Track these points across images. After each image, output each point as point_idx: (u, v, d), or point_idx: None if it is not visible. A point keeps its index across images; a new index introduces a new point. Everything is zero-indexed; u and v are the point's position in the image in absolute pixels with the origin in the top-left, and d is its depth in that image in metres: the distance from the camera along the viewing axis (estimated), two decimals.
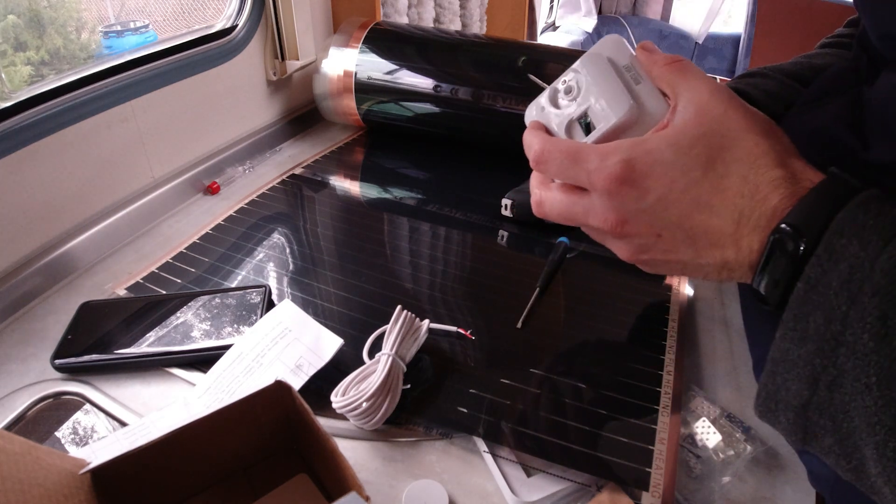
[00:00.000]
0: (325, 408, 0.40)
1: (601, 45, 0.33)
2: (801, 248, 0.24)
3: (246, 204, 0.66)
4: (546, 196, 0.32)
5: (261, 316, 0.46)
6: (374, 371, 0.40)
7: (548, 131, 0.34)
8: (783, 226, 0.25)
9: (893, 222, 0.23)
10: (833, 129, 0.35)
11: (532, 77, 0.42)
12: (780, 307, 0.26)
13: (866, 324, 0.22)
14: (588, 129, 0.32)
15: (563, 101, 0.33)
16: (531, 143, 0.32)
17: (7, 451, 0.28)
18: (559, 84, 0.33)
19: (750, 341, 0.47)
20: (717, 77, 0.67)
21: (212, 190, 0.69)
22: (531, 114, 0.35)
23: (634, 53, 0.32)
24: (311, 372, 0.41)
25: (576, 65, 0.32)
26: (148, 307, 0.48)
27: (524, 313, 0.50)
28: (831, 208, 0.24)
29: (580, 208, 0.31)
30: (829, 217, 0.24)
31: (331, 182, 0.72)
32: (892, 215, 0.23)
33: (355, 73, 0.77)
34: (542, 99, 0.34)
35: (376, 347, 0.44)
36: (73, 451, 0.37)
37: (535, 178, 0.34)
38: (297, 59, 0.81)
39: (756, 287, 0.27)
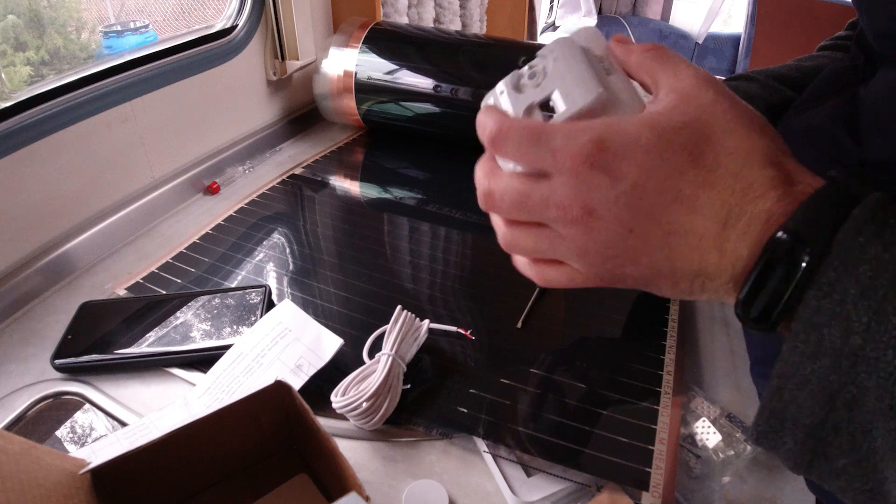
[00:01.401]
0: (325, 408, 0.40)
1: (576, 35, 0.30)
2: (807, 258, 0.21)
3: (246, 204, 0.66)
4: (496, 186, 0.27)
5: (261, 316, 0.46)
6: (374, 371, 0.40)
7: None
8: (781, 234, 0.22)
9: None
10: (827, 128, 0.35)
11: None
12: (774, 326, 0.23)
13: (892, 338, 0.19)
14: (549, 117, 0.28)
15: (525, 84, 0.29)
16: (485, 122, 0.27)
17: (7, 451, 0.28)
18: (524, 69, 0.30)
19: (748, 341, 0.47)
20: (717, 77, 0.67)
21: (212, 190, 0.69)
22: (489, 101, 0.31)
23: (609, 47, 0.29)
24: (311, 372, 0.41)
25: (544, 49, 0.29)
26: (148, 307, 0.48)
27: (524, 313, 0.50)
28: (837, 215, 0.21)
29: (537, 196, 0.26)
30: (836, 225, 0.21)
31: (331, 182, 0.72)
32: None
33: (355, 73, 0.77)
34: (502, 84, 0.30)
35: (376, 347, 0.44)
36: (73, 451, 0.37)
37: (480, 169, 0.29)
38: (297, 59, 0.81)
39: (742, 302, 0.23)
